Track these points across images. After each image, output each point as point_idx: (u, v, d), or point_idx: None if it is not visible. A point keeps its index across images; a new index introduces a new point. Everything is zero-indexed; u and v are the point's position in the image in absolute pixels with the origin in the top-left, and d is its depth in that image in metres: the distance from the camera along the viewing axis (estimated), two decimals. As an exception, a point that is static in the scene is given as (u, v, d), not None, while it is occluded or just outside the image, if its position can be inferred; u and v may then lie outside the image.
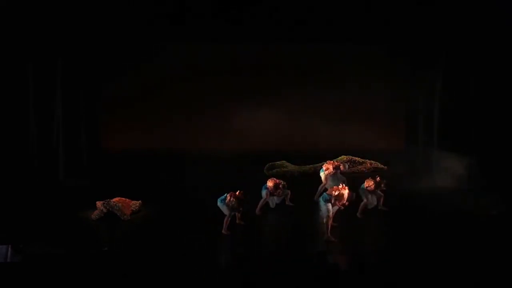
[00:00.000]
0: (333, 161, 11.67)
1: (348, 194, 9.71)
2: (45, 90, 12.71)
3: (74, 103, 13.62)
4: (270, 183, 10.81)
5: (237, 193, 9.81)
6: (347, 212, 10.73)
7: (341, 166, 11.63)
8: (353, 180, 11.52)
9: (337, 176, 11.62)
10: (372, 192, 10.60)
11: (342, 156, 13.52)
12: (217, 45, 14.43)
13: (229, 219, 9.90)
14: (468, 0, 12.43)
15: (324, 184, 11.58)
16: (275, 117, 14.47)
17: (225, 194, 9.87)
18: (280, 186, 10.81)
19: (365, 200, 10.59)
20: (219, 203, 9.93)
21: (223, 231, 9.84)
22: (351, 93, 14.71)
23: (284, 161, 14.05)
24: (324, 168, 11.60)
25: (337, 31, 13.28)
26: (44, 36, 12.36)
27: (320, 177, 11.67)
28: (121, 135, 14.90)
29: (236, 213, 10.07)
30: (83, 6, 12.35)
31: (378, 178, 10.70)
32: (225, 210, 9.87)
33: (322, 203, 9.75)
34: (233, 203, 9.74)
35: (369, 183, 10.62)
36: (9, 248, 8.02)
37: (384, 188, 10.70)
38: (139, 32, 13.41)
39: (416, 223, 10.32)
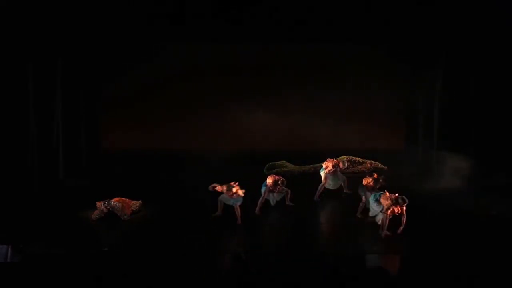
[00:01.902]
0: (333, 159, 11.65)
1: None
2: (45, 90, 12.69)
3: (74, 103, 13.63)
4: (269, 180, 10.81)
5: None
6: (347, 212, 10.77)
7: (340, 164, 11.63)
8: (353, 180, 11.55)
9: (337, 175, 11.62)
10: (371, 189, 10.57)
11: (342, 156, 13.51)
12: (217, 45, 14.43)
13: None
14: (468, 0, 12.43)
15: (324, 183, 11.57)
16: (275, 117, 14.48)
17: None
18: (279, 182, 10.79)
19: (364, 198, 10.58)
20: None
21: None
22: (351, 93, 14.75)
23: (284, 161, 14.05)
24: (324, 166, 11.60)
25: (337, 31, 13.28)
26: (44, 36, 12.35)
27: (321, 176, 11.67)
28: (121, 135, 14.91)
29: (237, 213, 10.09)
30: (83, 6, 12.34)
31: (375, 175, 10.68)
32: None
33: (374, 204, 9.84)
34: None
35: (367, 180, 10.61)
36: (9, 248, 8.00)
37: (384, 184, 10.68)
38: (139, 32, 13.41)
39: (416, 223, 10.30)
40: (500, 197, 11.50)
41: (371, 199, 9.95)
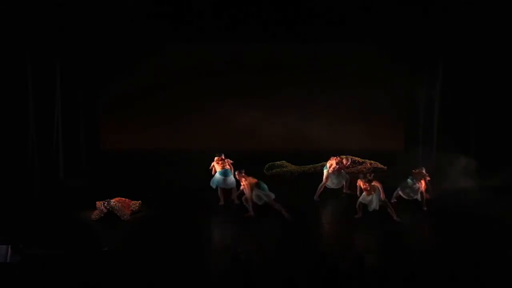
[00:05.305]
0: (336, 157, 11.62)
1: None
2: (45, 90, 12.69)
3: (73, 104, 13.63)
4: None
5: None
6: (347, 212, 10.77)
7: (344, 160, 11.64)
8: (353, 180, 11.53)
9: (340, 174, 11.62)
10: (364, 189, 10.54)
11: (342, 156, 13.51)
12: (217, 45, 14.43)
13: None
14: (468, 1, 12.42)
15: (324, 183, 11.57)
16: (275, 117, 14.48)
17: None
18: None
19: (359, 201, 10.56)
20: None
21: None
22: (351, 93, 14.74)
23: (284, 161, 14.06)
24: (328, 164, 11.59)
25: (337, 31, 13.28)
26: (44, 36, 12.36)
27: (321, 176, 11.67)
28: (121, 135, 14.92)
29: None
30: (82, 6, 12.35)
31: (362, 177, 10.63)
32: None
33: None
34: None
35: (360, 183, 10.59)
36: (9, 248, 8.00)
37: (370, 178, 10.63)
38: (139, 32, 13.40)
39: (415, 223, 10.32)
40: (499, 197, 11.52)
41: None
